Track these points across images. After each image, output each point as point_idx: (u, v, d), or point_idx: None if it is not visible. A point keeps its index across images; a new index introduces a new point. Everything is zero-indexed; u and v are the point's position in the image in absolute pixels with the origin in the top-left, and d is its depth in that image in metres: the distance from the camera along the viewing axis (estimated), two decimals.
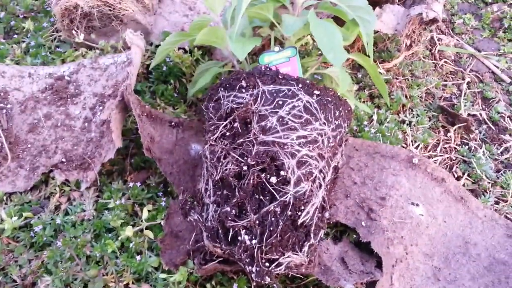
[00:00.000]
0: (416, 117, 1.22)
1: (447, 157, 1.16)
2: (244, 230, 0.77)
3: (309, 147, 0.81)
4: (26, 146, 1.02)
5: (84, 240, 0.90)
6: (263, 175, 0.78)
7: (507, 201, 1.06)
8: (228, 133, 0.85)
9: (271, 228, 0.77)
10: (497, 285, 0.88)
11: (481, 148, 1.17)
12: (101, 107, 1.05)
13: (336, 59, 0.80)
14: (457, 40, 1.43)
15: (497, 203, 1.07)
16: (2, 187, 0.97)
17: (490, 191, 1.08)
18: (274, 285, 0.86)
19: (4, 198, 0.97)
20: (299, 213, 0.79)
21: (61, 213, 0.95)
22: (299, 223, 0.79)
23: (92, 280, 0.87)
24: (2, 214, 0.90)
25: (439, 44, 1.39)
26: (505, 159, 1.16)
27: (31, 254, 0.91)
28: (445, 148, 1.18)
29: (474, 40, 1.45)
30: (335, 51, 0.81)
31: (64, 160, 1.00)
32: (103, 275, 0.88)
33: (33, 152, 1.01)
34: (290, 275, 0.90)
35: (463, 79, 1.34)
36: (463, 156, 1.15)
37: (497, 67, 1.36)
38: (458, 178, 1.11)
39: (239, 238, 0.77)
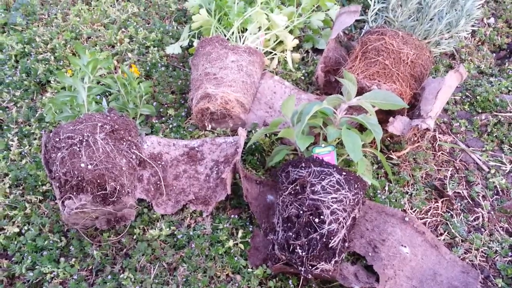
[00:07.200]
0: (416, 191, 1.81)
1: (435, 220, 1.73)
2: (299, 247, 1.40)
3: (338, 204, 1.44)
4: (172, 188, 1.74)
5: (204, 246, 1.58)
6: (311, 217, 1.42)
7: (471, 252, 1.61)
8: (292, 192, 1.51)
9: (314, 247, 1.39)
10: None
11: (459, 216, 1.73)
12: (216, 168, 1.77)
13: (355, 157, 1.45)
14: (453, 138, 2.03)
15: (465, 253, 1.61)
16: (159, 210, 1.68)
17: (460, 245, 1.63)
18: (313, 283, 1.47)
19: (160, 217, 1.68)
20: (330, 241, 1.41)
21: (191, 229, 1.64)
22: (329, 246, 1.40)
23: (209, 269, 1.52)
24: (162, 225, 1.61)
25: (439, 140, 2.00)
26: (476, 224, 1.71)
27: (173, 251, 1.60)
28: (434, 213, 1.75)
29: (466, 138, 2.04)
30: (355, 152, 1.46)
31: (193, 198, 1.71)
32: (215, 267, 1.53)
33: (176, 191, 1.73)
34: (322, 280, 1.50)
35: (454, 166, 1.92)
36: (446, 220, 1.72)
37: (480, 160, 1.94)
38: (440, 234, 1.68)
39: (296, 251, 1.40)
